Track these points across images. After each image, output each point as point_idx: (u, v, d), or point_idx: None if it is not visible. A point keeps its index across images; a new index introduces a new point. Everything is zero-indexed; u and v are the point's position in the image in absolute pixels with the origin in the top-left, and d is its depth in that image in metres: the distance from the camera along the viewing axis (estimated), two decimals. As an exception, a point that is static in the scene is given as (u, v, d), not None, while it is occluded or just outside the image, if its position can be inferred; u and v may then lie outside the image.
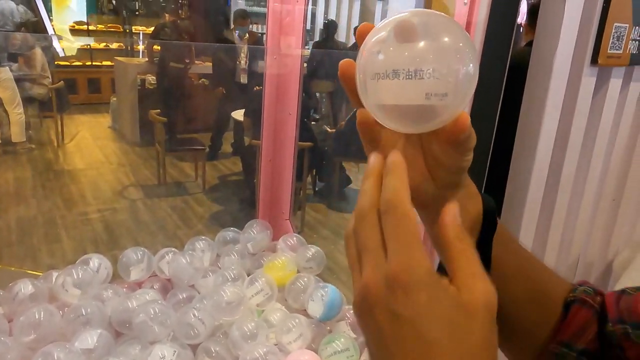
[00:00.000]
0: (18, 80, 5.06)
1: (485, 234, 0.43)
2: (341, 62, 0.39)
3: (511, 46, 1.11)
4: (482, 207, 0.44)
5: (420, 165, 0.41)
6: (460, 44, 0.35)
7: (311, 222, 3.96)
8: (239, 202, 4.25)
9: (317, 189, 4.60)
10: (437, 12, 0.36)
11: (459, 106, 0.35)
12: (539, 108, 1.17)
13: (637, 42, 1.30)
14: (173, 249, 1.84)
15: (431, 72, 0.34)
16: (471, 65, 0.35)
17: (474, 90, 0.36)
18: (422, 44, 0.35)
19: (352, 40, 7.22)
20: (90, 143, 5.65)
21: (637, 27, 1.27)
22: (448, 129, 0.36)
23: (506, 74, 1.13)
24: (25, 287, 1.48)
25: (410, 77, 0.35)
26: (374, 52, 0.37)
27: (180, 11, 7.23)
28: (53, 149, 5.29)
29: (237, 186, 4.75)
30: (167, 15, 6.10)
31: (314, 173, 4.49)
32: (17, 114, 4.96)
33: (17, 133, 4.95)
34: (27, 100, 5.21)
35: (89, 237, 3.37)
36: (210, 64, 5.73)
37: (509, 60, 1.12)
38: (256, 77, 4.79)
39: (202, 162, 4.59)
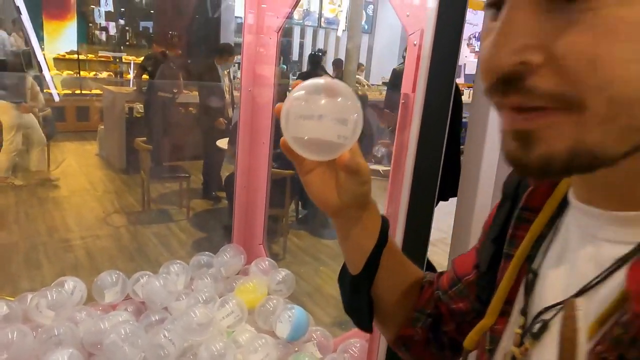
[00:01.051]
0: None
1: (379, 245, 0.58)
2: (277, 104, 0.52)
3: (454, 83, 1.22)
4: (379, 226, 0.59)
5: (332, 185, 0.56)
6: (358, 104, 0.51)
7: (293, 248, 4.02)
8: (222, 228, 4.29)
9: (299, 216, 4.67)
10: (340, 81, 0.52)
11: (351, 145, 0.52)
12: (479, 142, 1.26)
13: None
14: (148, 273, 1.90)
15: (344, 120, 0.50)
16: (356, 114, 0.51)
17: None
18: (338, 100, 0.50)
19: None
20: (76, 170, 5.68)
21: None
22: (339, 160, 0.52)
23: (450, 110, 1.22)
24: (-1, 309, 1.52)
25: (328, 121, 0.49)
26: (300, 99, 0.50)
27: (169, 42, 7.41)
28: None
29: (222, 213, 4.79)
30: (155, 45, 6.24)
31: (298, 200, 4.57)
32: (10, 144, 4.63)
33: (1, 162, 4.63)
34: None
35: (70, 264, 3.38)
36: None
37: (452, 95, 1.22)
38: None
39: (187, 190, 4.65)
